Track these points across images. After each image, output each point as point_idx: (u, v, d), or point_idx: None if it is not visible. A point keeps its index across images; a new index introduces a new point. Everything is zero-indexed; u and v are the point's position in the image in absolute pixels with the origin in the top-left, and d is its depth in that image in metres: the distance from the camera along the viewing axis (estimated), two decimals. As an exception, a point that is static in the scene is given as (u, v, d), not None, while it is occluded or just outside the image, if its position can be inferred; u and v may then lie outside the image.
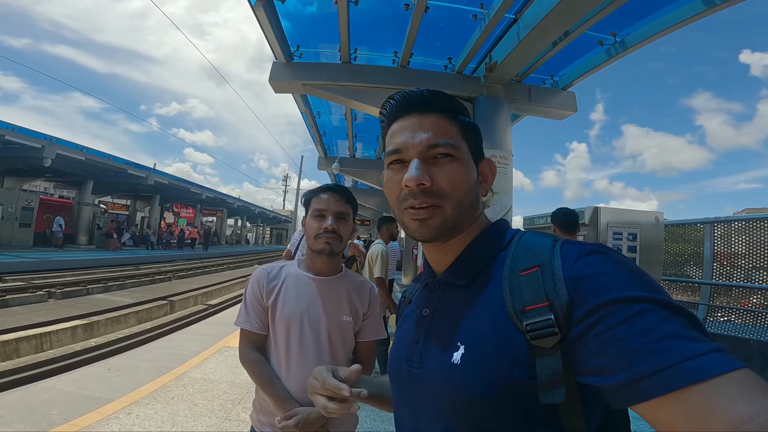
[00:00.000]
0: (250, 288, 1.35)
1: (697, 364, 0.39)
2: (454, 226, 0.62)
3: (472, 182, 0.63)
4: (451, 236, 0.63)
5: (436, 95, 0.65)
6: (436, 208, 0.60)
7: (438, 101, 0.65)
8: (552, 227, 3.05)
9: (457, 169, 0.61)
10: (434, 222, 0.60)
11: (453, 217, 0.61)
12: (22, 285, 9.31)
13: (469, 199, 0.62)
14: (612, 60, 4.92)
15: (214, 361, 4.44)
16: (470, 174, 0.63)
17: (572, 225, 3.00)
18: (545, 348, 0.48)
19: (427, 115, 0.63)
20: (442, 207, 0.60)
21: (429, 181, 0.59)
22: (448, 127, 0.63)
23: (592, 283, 0.48)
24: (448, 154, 0.61)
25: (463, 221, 0.63)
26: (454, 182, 0.60)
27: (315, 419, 1.19)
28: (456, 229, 0.62)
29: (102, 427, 2.79)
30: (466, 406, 0.53)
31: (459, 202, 0.61)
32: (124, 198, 28.73)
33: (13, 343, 5.51)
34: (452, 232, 0.62)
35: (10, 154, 15.31)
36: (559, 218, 3.01)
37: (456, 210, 0.61)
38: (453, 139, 0.62)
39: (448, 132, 0.63)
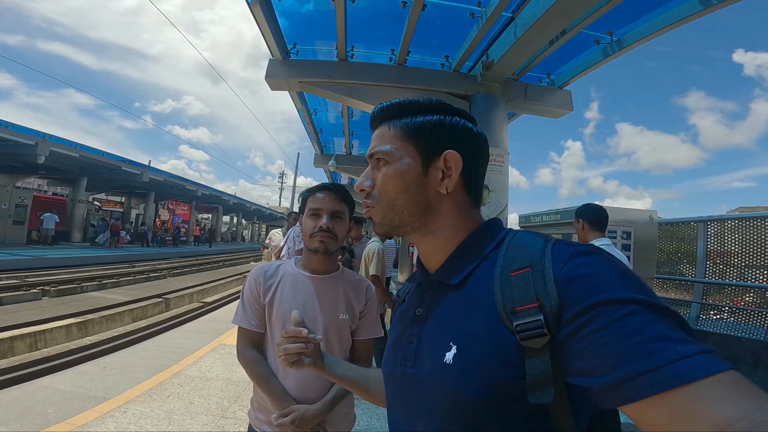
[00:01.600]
0: (248, 286, 1.35)
1: (684, 366, 0.39)
2: (398, 223, 0.66)
3: (407, 181, 0.64)
4: (404, 232, 0.66)
5: (383, 109, 0.70)
6: (371, 209, 0.67)
7: (383, 113, 0.70)
8: (578, 224, 2.78)
9: (386, 171, 0.66)
10: (375, 219, 0.67)
11: (389, 215, 0.66)
12: (15, 283, 9.23)
13: (405, 197, 0.64)
14: (608, 59, 4.94)
15: (210, 359, 4.44)
16: (405, 174, 0.64)
17: (603, 221, 2.74)
18: (535, 349, 0.48)
19: (376, 128, 0.71)
20: (375, 207, 0.67)
21: (369, 186, 0.68)
22: (386, 134, 0.68)
23: (581, 285, 0.48)
24: (381, 159, 0.67)
25: (407, 218, 0.65)
26: (383, 184, 0.66)
27: (311, 417, 1.20)
28: (404, 225, 0.66)
29: (98, 425, 2.78)
30: (458, 406, 0.54)
31: (390, 202, 0.65)
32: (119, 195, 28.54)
33: (7, 342, 5.47)
34: (401, 227, 0.66)
35: (3, 151, 15.12)
36: (589, 214, 2.74)
37: (389, 208, 0.65)
38: (390, 142, 0.66)
39: (387, 138, 0.67)
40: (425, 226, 0.65)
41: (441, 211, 0.65)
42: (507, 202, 5.17)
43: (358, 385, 0.91)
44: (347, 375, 0.92)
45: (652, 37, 4.41)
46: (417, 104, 0.68)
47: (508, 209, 5.23)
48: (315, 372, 0.90)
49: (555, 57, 5.09)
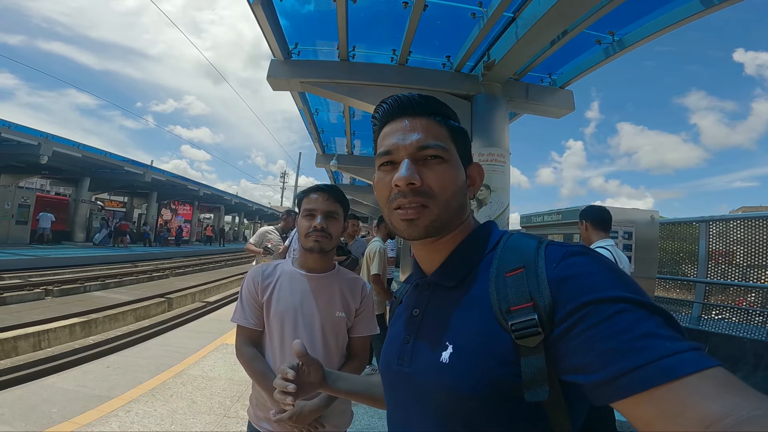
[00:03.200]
0: (246, 285, 1.39)
1: (671, 362, 0.40)
2: (442, 226, 0.63)
3: (460, 184, 0.65)
4: (439, 236, 0.64)
5: (427, 99, 0.67)
6: (424, 208, 0.61)
7: (429, 105, 0.67)
8: (582, 225, 2.82)
9: (447, 170, 0.63)
10: (422, 222, 0.62)
11: (440, 217, 0.62)
12: (19, 282, 9.27)
13: (457, 200, 0.64)
14: (610, 59, 4.94)
15: (213, 359, 4.46)
16: (459, 176, 0.65)
17: (606, 222, 2.77)
18: (529, 347, 0.50)
19: (418, 118, 0.65)
20: (430, 207, 0.62)
21: (419, 180, 0.61)
22: (438, 129, 0.65)
23: (573, 284, 0.49)
24: (438, 156, 0.63)
25: (451, 222, 0.64)
26: (443, 183, 0.62)
27: (309, 413, 1.22)
28: (443, 229, 0.64)
29: (102, 424, 2.80)
30: (455, 404, 0.55)
31: (447, 203, 0.62)
32: (121, 195, 28.62)
33: (11, 341, 5.50)
34: (440, 231, 0.63)
35: (6, 151, 15.20)
36: (592, 215, 2.79)
37: (443, 210, 0.62)
38: (443, 141, 0.64)
39: (439, 134, 0.64)
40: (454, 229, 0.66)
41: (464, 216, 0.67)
42: (508, 202, 5.17)
43: (364, 395, 0.91)
44: (351, 389, 0.91)
45: (653, 37, 4.40)
46: (450, 109, 0.70)
47: (509, 209, 5.23)
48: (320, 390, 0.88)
49: (556, 57, 5.09)
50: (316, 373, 0.84)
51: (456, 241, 0.66)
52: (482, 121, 5.18)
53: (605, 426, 0.54)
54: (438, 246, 0.66)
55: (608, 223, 2.79)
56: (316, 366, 0.84)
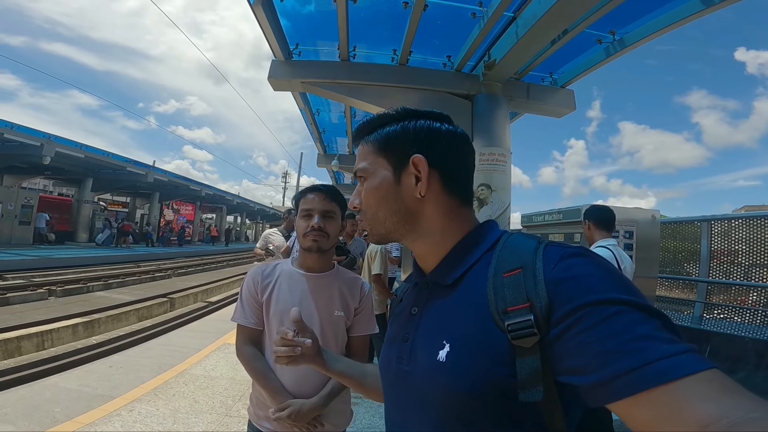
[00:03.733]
0: (246, 285, 1.40)
1: (667, 364, 0.41)
2: (384, 232, 0.70)
3: (382, 192, 0.68)
4: (394, 239, 0.70)
5: (359, 127, 0.74)
6: (362, 221, 0.73)
7: (359, 131, 0.74)
8: (585, 225, 2.83)
9: (366, 186, 0.70)
10: (367, 231, 0.73)
11: (375, 226, 0.70)
12: (22, 283, 9.33)
13: (385, 208, 0.68)
14: (611, 58, 4.93)
15: (215, 358, 4.48)
16: (381, 186, 0.68)
17: (609, 222, 2.77)
18: (525, 348, 0.50)
19: (358, 146, 0.74)
20: (364, 221, 0.72)
21: (358, 203, 0.72)
22: (363, 151, 0.72)
23: (570, 286, 0.50)
24: (362, 176, 0.71)
25: (391, 227, 0.69)
26: (365, 198, 0.70)
27: (308, 411, 1.24)
28: (391, 234, 0.69)
29: (105, 424, 2.82)
30: (451, 403, 0.55)
31: (373, 214, 0.69)
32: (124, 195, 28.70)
33: (14, 341, 5.54)
34: (389, 236, 0.70)
35: (9, 152, 15.26)
36: (595, 215, 2.78)
37: (373, 221, 0.70)
38: (366, 159, 0.70)
39: (363, 156, 0.71)
40: (412, 231, 0.68)
41: (424, 215, 0.67)
42: (509, 202, 5.17)
43: (355, 380, 0.95)
44: (345, 371, 0.95)
45: (654, 37, 4.39)
46: (384, 117, 0.71)
47: (510, 209, 5.23)
48: (314, 368, 0.93)
49: (557, 56, 5.08)
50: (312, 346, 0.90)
51: (454, 239, 0.66)
52: (483, 120, 5.18)
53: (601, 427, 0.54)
54: (431, 245, 0.67)
55: (611, 223, 2.79)
56: (310, 336, 0.90)
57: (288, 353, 0.87)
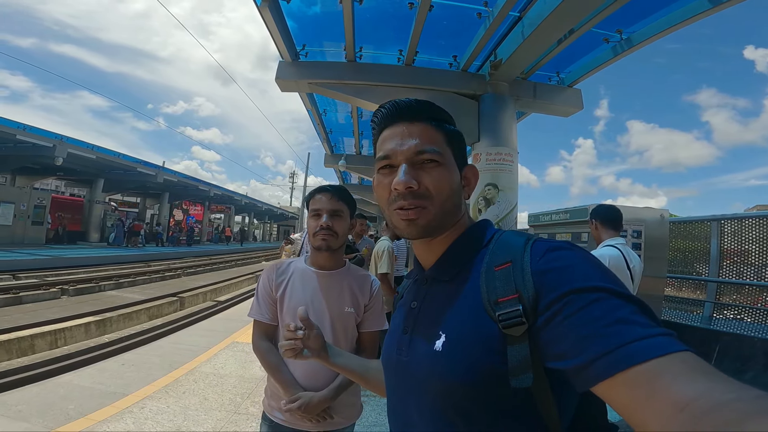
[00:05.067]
0: (262, 282, 1.46)
1: (641, 345, 0.42)
2: (439, 225, 0.67)
3: (455, 186, 0.68)
4: (436, 234, 0.68)
5: (423, 105, 0.70)
6: (422, 209, 0.65)
7: (425, 110, 0.70)
8: (592, 224, 2.83)
9: (442, 173, 0.66)
10: (421, 221, 0.66)
11: (437, 217, 0.66)
12: (35, 282, 9.50)
13: (452, 201, 0.68)
14: (618, 57, 4.90)
15: (224, 356, 4.54)
16: (453, 178, 0.68)
17: (616, 221, 2.76)
18: (515, 336, 0.53)
19: (415, 123, 0.69)
20: (427, 208, 0.65)
21: (416, 184, 0.65)
22: (434, 134, 0.68)
23: (554, 276, 0.53)
24: (434, 160, 0.66)
25: (447, 221, 0.68)
26: (438, 185, 0.66)
27: (317, 403, 1.29)
28: (440, 228, 0.68)
29: (117, 420, 2.88)
30: (447, 390, 0.58)
31: (442, 204, 0.66)
32: (134, 196, 29.05)
33: (28, 340, 5.65)
34: (437, 230, 0.68)
35: (22, 153, 15.51)
36: (602, 214, 2.79)
37: (440, 210, 0.66)
38: (438, 145, 0.67)
39: (434, 139, 0.68)
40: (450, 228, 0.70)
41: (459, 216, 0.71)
42: (516, 201, 5.16)
43: (358, 374, 0.98)
44: (348, 365, 0.99)
45: (662, 35, 4.36)
46: (443, 111, 0.72)
47: (517, 208, 5.22)
48: (319, 362, 0.97)
49: (564, 56, 5.06)
50: (316, 340, 0.96)
51: (452, 238, 0.70)
52: (489, 120, 5.18)
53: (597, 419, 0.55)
54: (435, 243, 0.70)
55: (618, 222, 2.79)
56: (315, 333, 0.95)
57: (290, 346, 0.92)
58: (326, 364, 0.98)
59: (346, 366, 0.99)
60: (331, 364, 0.98)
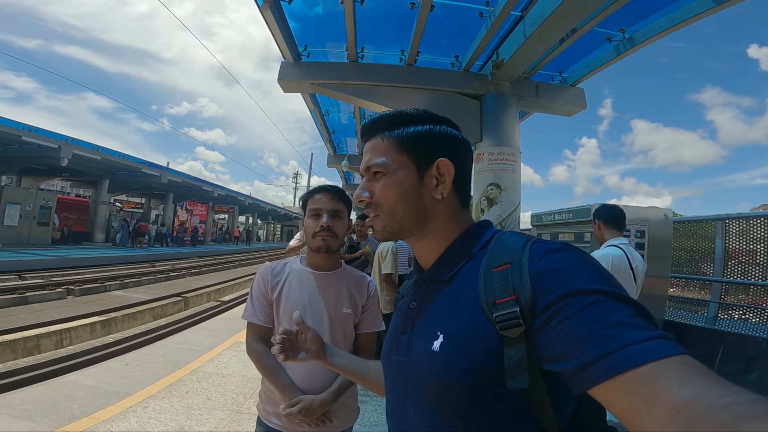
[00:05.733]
0: (256, 284, 1.43)
1: (639, 349, 0.42)
2: (399, 229, 0.71)
3: (405, 190, 0.69)
4: (404, 236, 0.72)
5: (374, 122, 0.74)
6: (375, 216, 0.72)
7: (374, 126, 0.74)
8: (595, 224, 2.81)
9: (385, 182, 0.70)
10: (377, 227, 0.73)
11: (390, 222, 0.71)
12: (41, 282, 9.57)
13: (404, 205, 0.69)
14: (621, 56, 4.87)
15: (227, 356, 4.56)
16: (403, 183, 0.70)
17: (619, 221, 2.73)
18: (512, 338, 0.53)
19: (369, 140, 0.75)
20: (379, 215, 0.71)
21: (368, 196, 0.72)
22: (380, 146, 0.72)
23: (552, 278, 0.53)
24: (379, 171, 0.71)
25: (409, 224, 0.70)
26: (383, 194, 0.70)
27: (318, 406, 1.27)
28: (402, 232, 0.71)
29: (121, 420, 2.90)
30: (444, 390, 0.58)
31: (391, 210, 0.70)
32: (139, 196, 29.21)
33: (34, 340, 5.70)
34: (399, 233, 0.72)
35: (27, 154, 15.62)
36: (605, 214, 2.77)
37: (390, 217, 0.70)
38: (386, 155, 0.71)
39: (381, 151, 0.72)
40: (422, 230, 0.71)
41: (436, 216, 0.70)
42: (519, 201, 5.15)
43: (357, 374, 0.99)
44: (347, 365, 1.00)
45: (665, 34, 4.33)
46: (407, 115, 0.73)
47: (520, 208, 5.20)
48: (317, 362, 0.98)
49: (566, 55, 5.04)
50: (313, 342, 0.97)
51: (450, 238, 0.70)
52: (492, 120, 5.17)
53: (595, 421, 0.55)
54: (432, 243, 0.71)
55: (621, 222, 2.77)
56: (312, 336, 0.96)
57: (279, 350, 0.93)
58: (325, 365, 0.99)
59: (345, 366, 0.99)
60: (330, 365, 0.98)
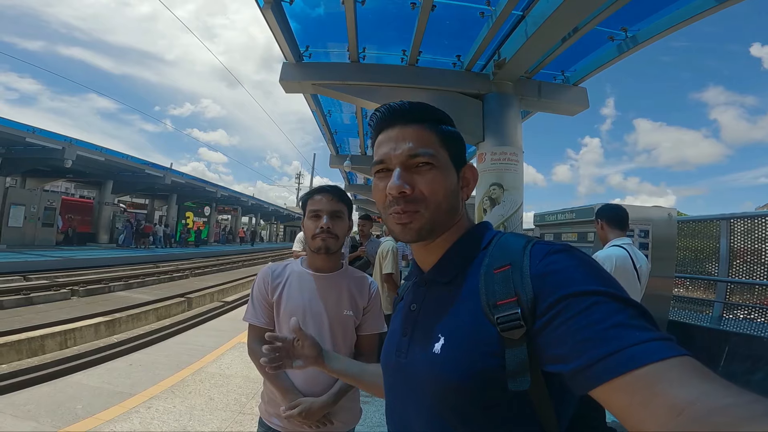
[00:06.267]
0: (257, 285, 1.43)
1: (639, 350, 0.42)
2: (434, 228, 0.66)
3: (450, 188, 0.67)
4: (432, 237, 0.68)
5: (417, 107, 0.69)
6: (415, 213, 0.65)
7: (419, 112, 0.69)
8: (598, 224, 2.80)
9: (436, 176, 0.66)
10: (415, 225, 0.65)
11: (432, 221, 0.66)
12: (46, 283, 9.62)
13: (448, 203, 0.67)
14: (623, 55, 4.84)
15: (230, 357, 4.57)
16: (449, 180, 0.67)
17: (622, 220, 2.72)
18: (513, 339, 0.53)
19: (409, 126, 0.68)
20: (421, 212, 0.65)
21: (410, 189, 0.64)
22: (428, 136, 0.67)
23: (553, 279, 0.52)
24: (428, 163, 0.66)
25: (443, 224, 0.67)
26: (432, 189, 0.65)
27: (318, 408, 1.27)
28: (435, 231, 0.67)
29: (124, 420, 2.91)
30: (445, 392, 0.58)
31: (437, 207, 0.65)
32: (142, 197, 29.33)
33: (38, 340, 5.73)
34: (432, 233, 0.67)
35: (32, 155, 15.73)
36: (608, 214, 2.76)
37: (434, 214, 0.65)
38: (432, 147, 0.66)
39: (428, 141, 0.67)
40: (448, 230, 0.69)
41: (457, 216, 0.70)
42: (522, 201, 5.13)
43: (356, 378, 0.98)
44: (346, 370, 0.99)
45: (668, 33, 4.30)
46: (438, 111, 0.71)
47: (523, 208, 5.18)
48: (315, 368, 0.97)
49: (568, 54, 5.01)
50: (311, 348, 0.94)
51: (451, 240, 0.69)
52: (494, 120, 5.16)
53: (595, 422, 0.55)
54: (434, 245, 0.70)
55: (624, 222, 2.75)
56: (310, 342, 0.94)
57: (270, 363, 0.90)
58: (325, 371, 0.98)
59: (344, 371, 0.99)
60: (330, 371, 0.98)
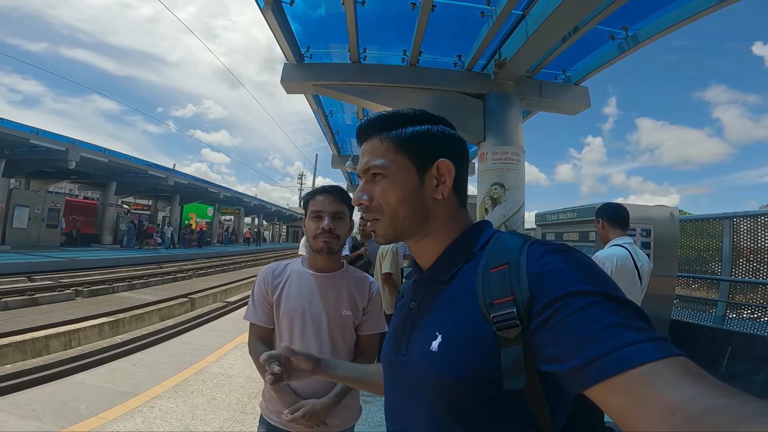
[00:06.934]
0: (257, 285, 1.44)
1: (634, 350, 0.43)
2: (398, 233, 0.70)
3: (406, 193, 0.69)
4: (405, 239, 0.72)
5: (371, 122, 0.73)
6: (375, 220, 0.71)
7: (372, 126, 0.73)
8: (599, 224, 2.79)
9: (386, 184, 0.69)
10: (378, 231, 0.72)
11: (392, 226, 0.70)
12: (50, 284, 9.69)
13: (406, 207, 0.69)
14: (624, 54, 4.82)
15: (232, 357, 4.59)
16: (406, 185, 0.69)
17: (623, 220, 2.72)
18: (509, 338, 0.53)
19: (366, 142, 0.74)
20: (380, 219, 0.71)
21: (368, 200, 0.71)
22: (379, 147, 0.71)
23: (549, 279, 0.53)
24: (378, 173, 0.70)
25: (408, 227, 0.70)
26: (384, 197, 0.69)
27: (321, 410, 1.28)
28: (404, 234, 0.71)
29: (127, 420, 2.94)
30: (442, 390, 0.59)
31: (393, 213, 0.69)
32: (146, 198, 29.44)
33: (43, 340, 5.78)
34: (400, 237, 0.71)
35: (36, 157, 15.83)
36: (609, 213, 2.76)
37: (391, 220, 0.70)
38: (385, 157, 0.70)
39: (380, 152, 0.71)
40: (422, 231, 0.71)
41: (437, 216, 0.70)
42: (523, 201, 5.12)
43: (357, 380, 1.00)
44: (346, 375, 1.00)
45: (668, 32, 4.28)
46: (403, 116, 0.72)
47: (524, 208, 5.18)
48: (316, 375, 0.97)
49: (569, 53, 5.00)
50: (306, 362, 0.94)
51: (448, 238, 0.70)
52: (495, 119, 5.15)
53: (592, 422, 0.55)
54: (428, 244, 0.71)
55: (625, 221, 2.75)
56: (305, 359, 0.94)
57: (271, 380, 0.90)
58: (326, 378, 1.00)
59: (344, 376, 1.00)
60: (331, 377, 0.99)
